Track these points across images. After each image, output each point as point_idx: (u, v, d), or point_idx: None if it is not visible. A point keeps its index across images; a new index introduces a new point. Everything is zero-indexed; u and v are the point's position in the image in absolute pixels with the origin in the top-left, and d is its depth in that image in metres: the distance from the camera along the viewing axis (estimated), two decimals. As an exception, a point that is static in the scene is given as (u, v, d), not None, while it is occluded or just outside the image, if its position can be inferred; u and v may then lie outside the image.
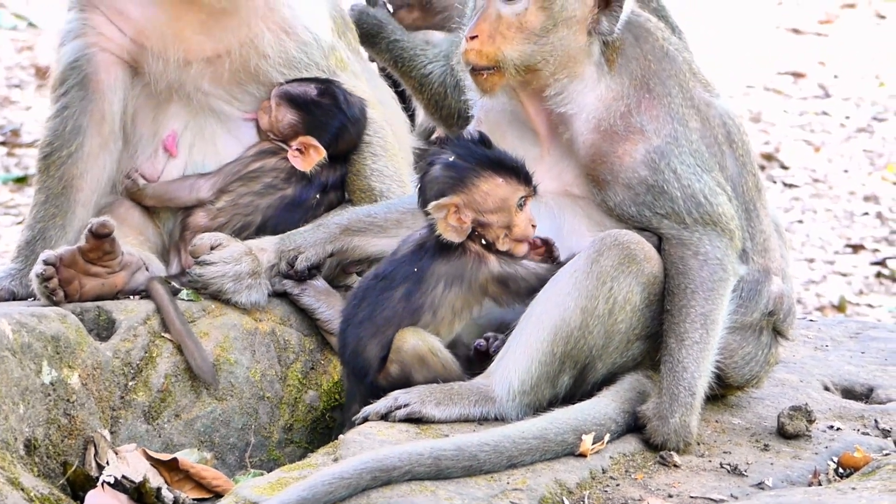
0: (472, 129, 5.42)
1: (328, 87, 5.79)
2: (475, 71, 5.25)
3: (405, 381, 5.12)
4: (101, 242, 5.35)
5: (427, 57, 6.61)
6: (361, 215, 5.61)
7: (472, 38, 5.23)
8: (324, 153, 5.77)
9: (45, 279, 5.33)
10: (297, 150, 5.78)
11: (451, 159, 5.22)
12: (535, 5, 5.23)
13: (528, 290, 5.18)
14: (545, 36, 5.24)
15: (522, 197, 5.21)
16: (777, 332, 5.50)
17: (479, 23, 5.24)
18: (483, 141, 5.27)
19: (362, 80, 5.96)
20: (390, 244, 5.42)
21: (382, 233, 5.53)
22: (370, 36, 6.53)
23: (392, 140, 5.91)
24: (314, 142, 5.76)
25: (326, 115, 5.77)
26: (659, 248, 5.22)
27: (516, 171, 5.21)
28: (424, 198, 5.21)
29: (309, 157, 5.77)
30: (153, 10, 5.73)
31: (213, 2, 5.69)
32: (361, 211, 5.64)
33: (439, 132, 6.88)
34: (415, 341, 5.13)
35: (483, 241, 5.19)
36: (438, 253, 5.19)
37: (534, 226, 5.24)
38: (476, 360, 5.19)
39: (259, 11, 5.75)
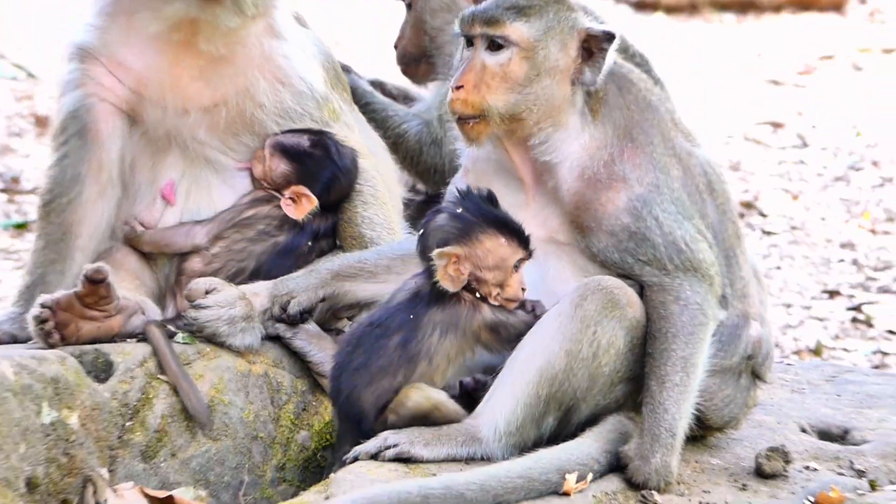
0: (459, 179, 5.44)
1: (320, 139, 5.81)
2: (461, 120, 5.27)
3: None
4: (96, 287, 5.36)
5: (400, 117, 6.67)
6: (352, 261, 5.61)
7: (458, 88, 5.26)
8: (315, 202, 5.78)
9: (41, 322, 5.33)
10: (290, 198, 5.79)
11: (458, 211, 5.22)
12: (518, 56, 5.25)
13: (517, 337, 5.19)
14: (529, 86, 5.26)
15: (520, 259, 5.23)
16: (755, 375, 5.51)
17: (464, 73, 5.27)
18: (490, 199, 5.28)
19: (354, 130, 5.97)
20: (381, 289, 5.44)
21: (373, 278, 5.54)
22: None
23: (382, 189, 5.92)
24: (306, 191, 5.77)
25: (318, 165, 5.79)
26: (641, 294, 5.24)
27: (519, 235, 5.23)
28: (426, 244, 5.22)
29: (301, 205, 5.79)
30: (152, 57, 5.74)
31: (212, 49, 5.71)
32: (352, 257, 5.65)
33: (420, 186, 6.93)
34: (418, 399, 5.13)
35: (477, 294, 5.21)
36: (434, 301, 5.19)
37: (524, 289, 5.27)
38: (460, 397, 5.19)
39: (255, 61, 5.76)
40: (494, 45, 5.26)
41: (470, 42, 5.30)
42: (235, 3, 5.63)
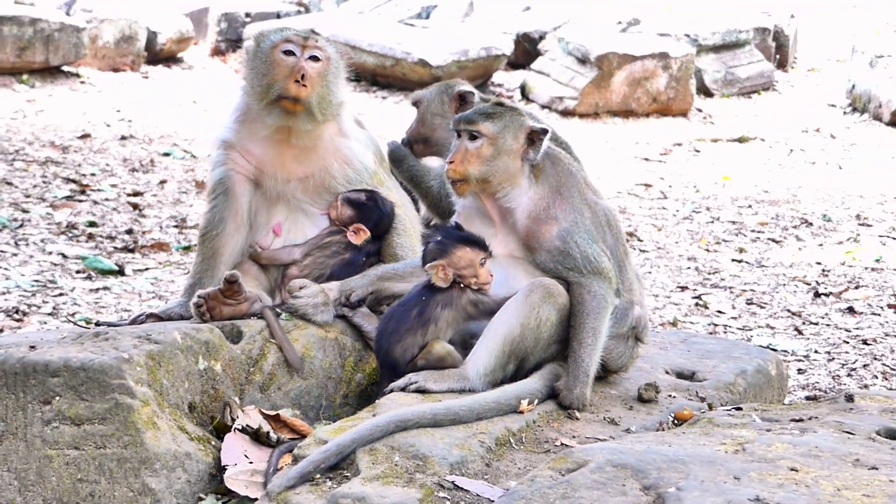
0: (453, 220, 5.41)
1: (372, 195, 5.77)
2: (453, 182, 5.25)
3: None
4: (232, 286, 5.33)
5: (431, 176, 6.63)
6: (389, 269, 5.56)
7: (451, 162, 5.24)
8: (368, 234, 5.74)
9: (198, 307, 5.32)
10: (353, 231, 5.75)
11: (438, 238, 5.24)
12: (487, 143, 5.20)
13: (489, 311, 5.15)
14: (493, 161, 5.20)
15: (483, 258, 5.19)
16: (637, 339, 5.47)
17: (454, 154, 5.25)
18: (457, 227, 5.29)
19: (393, 191, 5.96)
20: (408, 286, 5.39)
21: (403, 280, 5.49)
22: (397, 161, 6.56)
23: (409, 226, 5.91)
24: (363, 227, 5.73)
25: (371, 211, 5.76)
26: (567, 288, 5.20)
27: (478, 243, 5.20)
28: (424, 261, 5.23)
29: (360, 236, 5.74)
30: (266, 148, 5.70)
31: (301, 142, 5.66)
32: (389, 267, 5.60)
33: (435, 221, 6.90)
34: (438, 348, 5.11)
35: (461, 285, 5.18)
36: (437, 290, 5.17)
37: (491, 275, 5.22)
38: (467, 353, 5.14)
39: (330, 150, 5.73)
40: (472, 136, 5.23)
41: (459, 134, 5.27)
42: (309, 115, 5.57)
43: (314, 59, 5.60)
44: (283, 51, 5.60)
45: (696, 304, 9.40)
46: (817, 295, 9.85)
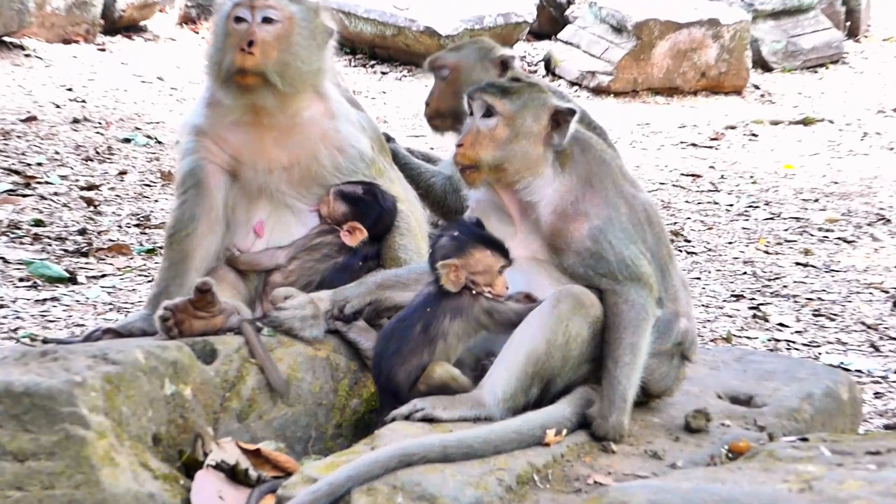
0: (468, 214, 5.42)
1: (370, 188, 5.80)
2: (462, 169, 5.26)
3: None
4: (204, 295, 5.35)
5: (430, 173, 6.66)
6: (391, 275, 5.58)
7: (460, 145, 5.25)
8: (366, 234, 5.77)
9: (164, 320, 5.35)
10: (347, 231, 5.77)
11: (455, 234, 5.22)
12: (502, 122, 5.22)
13: (508, 322, 5.15)
14: (509, 144, 5.22)
15: (502, 266, 5.20)
16: (684, 357, 5.47)
17: (464, 135, 5.26)
18: (478, 224, 5.28)
19: (395, 183, 5.98)
20: (411, 296, 5.39)
21: (405, 288, 5.50)
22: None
23: (414, 224, 5.92)
24: (359, 226, 5.76)
25: (369, 207, 5.78)
26: (600, 297, 5.19)
27: (500, 248, 5.21)
28: (433, 258, 5.22)
29: (355, 236, 5.77)
30: (242, 134, 5.74)
31: (274, 122, 5.68)
32: (391, 272, 5.61)
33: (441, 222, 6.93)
34: (441, 372, 5.11)
35: (473, 291, 5.18)
36: (444, 296, 5.17)
37: (507, 287, 5.22)
38: (480, 375, 5.15)
39: (318, 134, 5.76)
40: (486, 114, 5.23)
41: (472, 112, 5.27)
42: (268, 87, 5.59)
43: (268, 20, 5.63)
44: (234, 18, 5.64)
45: (754, 316, 9.38)
46: (897, 305, 9.83)
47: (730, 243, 11.62)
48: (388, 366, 5.14)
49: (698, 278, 10.38)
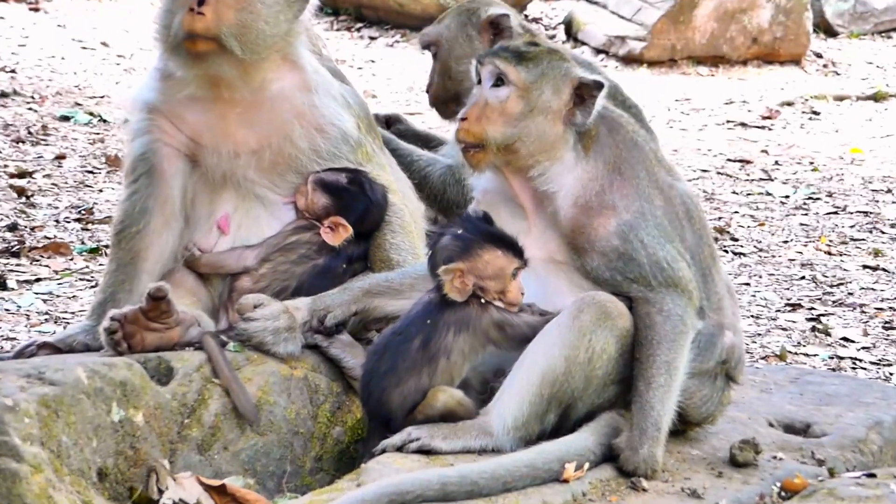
0: (474, 207, 5.42)
1: (356, 177, 5.81)
2: (465, 149, 5.27)
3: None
4: (158, 303, 5.36)
5: (425, 161, 6.66)
6: (381, 280, 5.60)
7: (463, 119, 5.26)
8: (350, 231, 5.78)
9: (111, 333, 5.35)
10: (329, 227, 5.78)
11: (459, 231, 5.22)
12: (515, 94, 5.24)
13: (522, 337, 5.16)
14: (523, 121, 5.23)
15: (516, 268, 5.21)
16: (729, 378, 5.48)
17: (470, 107, 5.27)
18: (486, 219, 5.28)
19: (385, 170, 5.98)
20: (405, 304, 5.40)
21: (399, 295, 5.52)
22: None
23: (409, 219, 5.92)
24: (343, 221, 5.77)
25: (354, 199, 5.78)
26: (629, 306, 5.21)
27: (513, 247, 5.21)
28: (434, 262, 5.21)
29: (338, 233, 5.78)
30: (200, 111, 5.76)
31: (237, 96, 5.72)
32: (381, 277, 5.63)
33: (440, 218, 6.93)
34: (445, 398, 5.12)
35: (482, 300, 5.19)
36: (447, 306, 5.17)
37: (523, 293, 5.24)
38: (489, 399, 5.17)
39: (292, 111, 5.76)
40: (497, 82, 5.25)
41: (479, 80, 5.29)
42: (225, 53, 5.61)
43: None
44: None
45: (813, 329, 9.40)
46: (984, 316, 9.84)
47: (785, 242, 11.63)
48: (379, 387, 5.15)
49: (747, 284, 10.40)
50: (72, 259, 9.64)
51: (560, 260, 5.30)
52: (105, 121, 13.72)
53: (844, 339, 9.30)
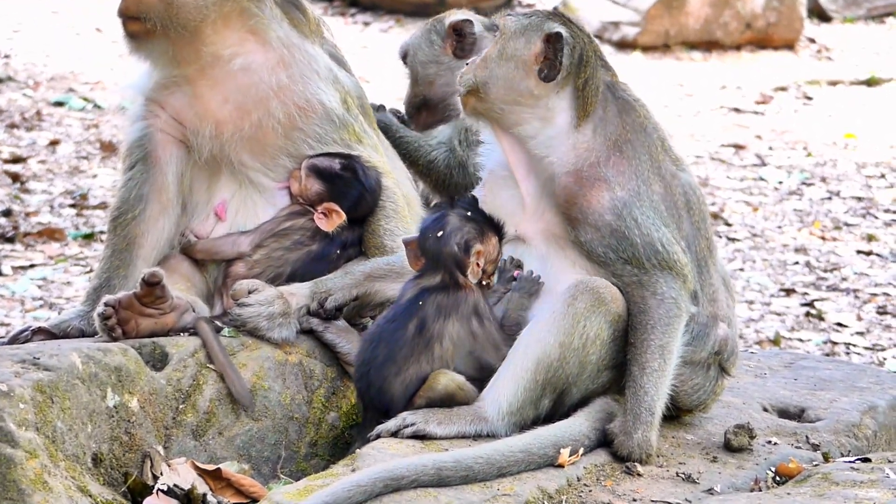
0: (478, 191, 5.43)
1: (349, 162, 5.79)
2: (462, 95, 5.33)
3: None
4: (152, 289, 5.35)
5: (430, 147, 6.66)
6: (382, 264, 5.60)
7: (468, 64, 5.36)
8: (344, 217, 5.76)
9: (105, 318, 5.34)
10: (322, 213, 5.77)
11: (468, 213, 5.24)
12: (499, 40, 5.32)
13: (491, 340, 5.19)
14: (493, 65, 5.28)
15: (500, 253, 5.28)
16: (722, 370, 5.47)
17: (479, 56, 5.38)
18: (474, 200, 5.34)
19: (379, 151, 5.95)
20: (408, 287, 5.45)
21: (400, 278, 5.49)
22: (383, 134, 6.59)
23: (402, 204, 5.90)
24: (336, 207, 5.76)
25: (347, 185, 5.77)
26: (625, 292, 5.21)
27: (497, 225, 5.27)
28: (447, 243, 5.19)
29: (332, 219, 5.76)
30: (184, 97, 5.76)
31: (196, 70, 5.71)
32: (382, 261, 5.63)
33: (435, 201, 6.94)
34: (446, 381, 5.12)
35: (482, 283, 5.22)
36: (438, 290, 5.18)
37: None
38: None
39: (268, 84, 5.73)
40: (496, 33, 5.36)
41: None
42: (164, 40, 5.64)
43: None
44: None
45: (807, 315, 9.41)
46: (978, 301, 9.86)
47: (779, 227, 11.64)
48: (379, 377, 5.13)
49: (741, 269, 10.41)
50: (66, 244, 9.64)
51: (558, 233, 5.28)
52: (99, 106, 13.71)
53: (838, 323, 9.32)
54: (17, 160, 11.52)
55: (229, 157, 5.78)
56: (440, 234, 5.23)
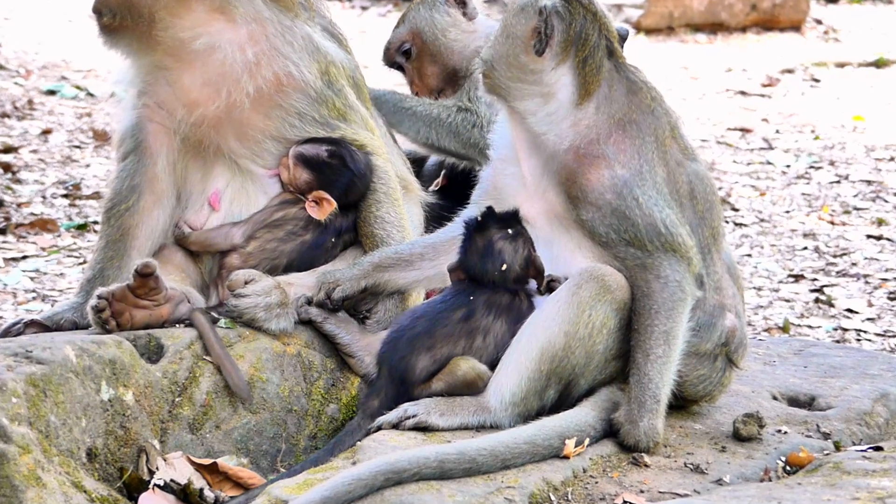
0: (485, 172, 5.50)
1: (337, 149, 5.76)
2: (481, 72, 5.38)
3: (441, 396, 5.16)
4: (146, 280, 5.35)
5: (447, 109, 6.70)
6: (390, 253, 5.58)
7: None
8: (335, 205, 5.75)
9: (98, 310, 5.34)
10: (313, 202, 5.76)
11: (510, 231, 5.28)
12: (504, 16, 5.36)
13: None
14: (498, 42, 5.32)
15: None
16: (730, 361, 5.47)
17: None
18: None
19: (368, 128, 5.88)
20: (417, 276, 5.48)
21: (409, 266, 5.51)
22: (377, 106, 6.57)
23: (394, 185, 5.88)
24: (326, 196, 5.74)
25: (336, 173, 5.76)
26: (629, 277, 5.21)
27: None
28: (511, 270, 5.26)
29: (323, 208, 5.75)
30: (166, 84, 5.75)
31: (171, 56, 5.69)
32: (389, 250, 5.61)
33: (440, 181, 6.92)
34: (467, 368, 5.16)
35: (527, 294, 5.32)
36: (497, 291, 5.27)
37: None
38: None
39: (234, 63, 5.68)
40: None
41: None
42: (132, 29, 5.66)
43: None
44: None
45: (817, 301, 9.40)
46: None
47: (787, 212, 11.64)
48: (409, 346, 5.18)
49: (749, 255, 10.40)
50: (59, 235, 9.63)
51: (560, 213, 5.28)
52: (92, 95, 13.71)
53: (849, 310, 9.31)
54: (8, 150, 11.51)
55: (217, 144, 5.77)
56: (504, 267, 5.27)
